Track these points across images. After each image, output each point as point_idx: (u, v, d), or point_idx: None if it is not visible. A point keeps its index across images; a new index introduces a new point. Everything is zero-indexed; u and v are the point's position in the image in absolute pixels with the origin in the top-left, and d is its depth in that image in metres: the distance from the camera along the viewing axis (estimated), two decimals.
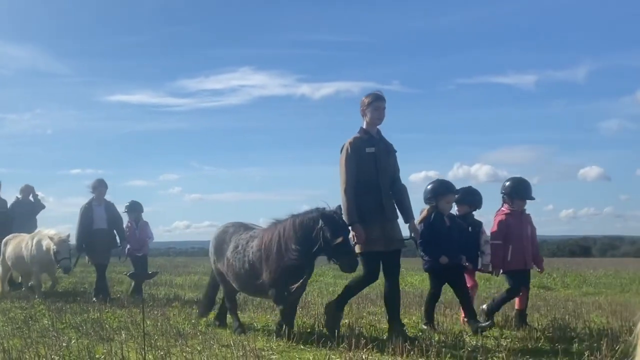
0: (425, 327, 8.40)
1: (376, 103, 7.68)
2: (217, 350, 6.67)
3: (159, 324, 8.51)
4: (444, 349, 6.61)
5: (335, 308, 7.85)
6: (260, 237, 7.74)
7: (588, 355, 6.14)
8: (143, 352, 5.80)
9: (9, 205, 15.03)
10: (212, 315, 8.90)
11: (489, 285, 15.96)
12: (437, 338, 7.51)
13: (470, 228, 8.99)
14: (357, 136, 7.72)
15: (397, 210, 7.81)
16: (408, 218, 7.87)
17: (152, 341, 7.15)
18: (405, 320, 8.21)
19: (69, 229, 12.83)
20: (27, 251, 12.60)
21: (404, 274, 20.53)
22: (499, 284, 14.25)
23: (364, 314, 9.59)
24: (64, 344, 7.03)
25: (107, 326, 8.35)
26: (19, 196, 15.18)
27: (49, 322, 8.80)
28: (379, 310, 10.05)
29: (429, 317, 8.56)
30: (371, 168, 7.56)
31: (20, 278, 14.11)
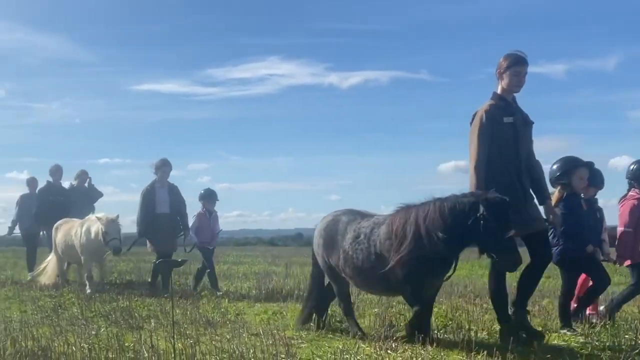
0: (567, 332, 7.18)
1: (516, 67, 6.59)
2: (246, 339, 6.62)
3: (188, 312, 8.50)
4: (482, 343, 6.50)
5: (520, 306, 6.74)
6: (389, 223, 6.57)
7: None
8: (172, 341, 5.76)
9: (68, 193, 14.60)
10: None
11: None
12: (467, 327, 7.38)
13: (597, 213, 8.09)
14: (493, 103, 6.65)
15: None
16: (544, 199, 6.81)
17: (182, 330, 7.13)
18: (434, 310, 8.08)
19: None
20: (76, 239, 12.04)
21: None
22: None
23: (394, 303, 9.47)
24: (93, 332, 7.05)
25: (136, 315, 8.34)
26: (74, 182, 14.76)
27: (78, 311, 8.83)
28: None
29: (567, 320, 7.48)
30: (509, 140, 6.53)
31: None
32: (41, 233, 15.01)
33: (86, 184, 14.76)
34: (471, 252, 6.86)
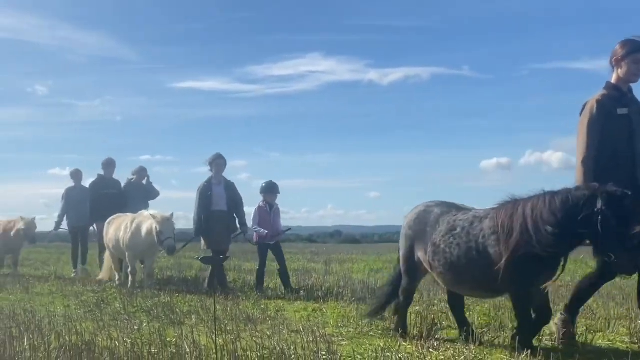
0: None
1: (636, 55, 6.07)
2: (286, 336, 6.61)
3: (228, 308, 8.52)
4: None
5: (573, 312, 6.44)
6: (494, 217, 6.05)
7: None
8: (213, 336, 5.77)
9: (122, 187, 14.37)
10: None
11: None
12: (510, 326, 7.29)
13: None
14: (605, 93, 6.20)
15: None
16: None
17: (222, 325, 7.15)
18: (478, 305, 8.00)
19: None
20: (124, 234, 11.74)
21: None
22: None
23: (435, 301, 9.40)
24: (135, 328, 7.11)
25: (177, 310, 8.39)
26: (132, 177, 14.40)
27: (121, 306, 8.91)
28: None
29: None
30: (623, 134, 6.07)
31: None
32: (91, 228, 14.92)
33: (144, 181, 14.47)
34: None
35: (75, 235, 15.22)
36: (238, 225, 11.85)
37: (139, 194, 14.02)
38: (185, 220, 13.58)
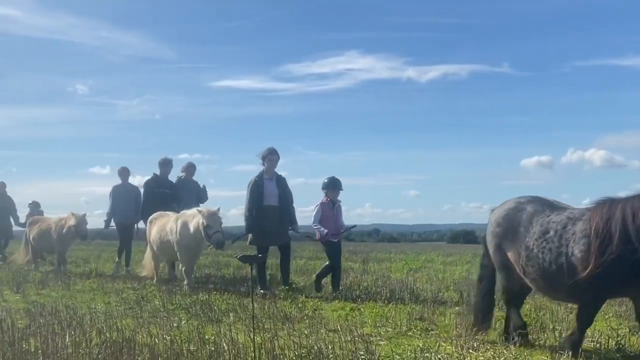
0: None
1: None
2: (324, 335, 6.61)
3: (266, 307, 8.53)
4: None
5: None
6: (588, 219, 5.67)
7: None
8: (251, 334, 5.78)
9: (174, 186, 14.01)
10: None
11: None
12: (551, 327, 7.19)
13: None
14: None
15: None
16: None
17: (260, 324, 7.18)
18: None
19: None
20: (171, 235, 11.41)
21: None
22: None
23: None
24: (174, 325, 7.18)
25: (215, 308, 8.43)
26: (181, 175, 14.17)
27: (160, 303, 8.98)
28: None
29: None
30: None
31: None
32: (135, 226, 14.99)
33: (194, 178, 14.20)
34: None
35: (122, 231, 15.12)
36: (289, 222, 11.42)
37: (189, 191, 13.83)
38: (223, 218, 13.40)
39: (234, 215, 13.02)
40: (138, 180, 14.74)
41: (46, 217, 16.43)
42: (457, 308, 8.53)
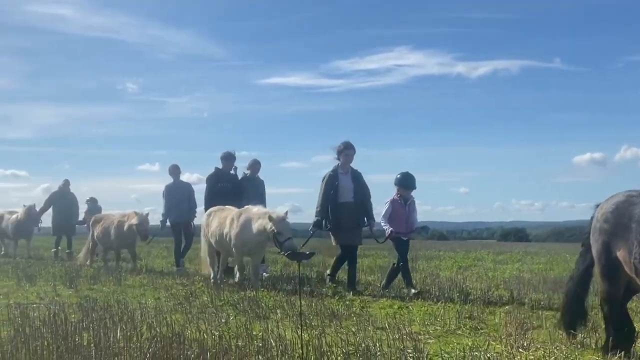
0: None
1: None
2: (372, 333, 6.59)
3: (313, 304, 8.54)
4: None
5: None
6: None
7: None
8: (299, 331, 5.79)
9: (238, 181, 13.71)
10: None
11: None
12: (603, 327, 7.05)
13: None
14: None
15: None
16: None
17: (307, 320, 7.18)
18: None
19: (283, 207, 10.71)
20: (231, 229, 11.08)
21: (568, 260, 19.74)
22: None
23: (526, 300, 9.22)
24: (222, 321, 7.23)
25: (263, 304, 8.46)
26: (247, 172, 13.78)
27: (208, 299, 9.05)
28: (541, 297, 9.66)
29: None
30: None
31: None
32: (192, 224, 14.95)
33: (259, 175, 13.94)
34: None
35: (177, 231, 14.92)
36: (366, 219, 10.98)
37: (254, 188, 13.54)
38: None
39: None
40: (186, 177, 14.60)
41: (110, 214, 16.41)
42: (507, 307, 8.44)
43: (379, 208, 10.89)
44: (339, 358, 5.31)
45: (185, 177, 14.71)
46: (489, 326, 7.17)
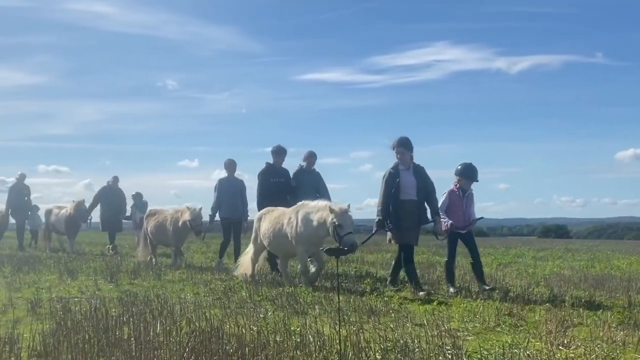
0: None
1: None
2: (410, 329, 6.57)
3: (351, 300, 8.54)
4: None
5: None
6: None
7: None
8: (337, 327, 5.79)
9: (292, 174, 13.25)
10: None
11: None
12: None
13: None
14: None
15: None
16: None
17: (345, 316, 7.19)
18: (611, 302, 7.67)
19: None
20: (290, 228, 10.62)
21: (610, 257, 19.53)
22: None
23: (566, 297, 9.12)
24: (261, 316, 7.26)
25: (301, 300, 8.48)
26: (303, 164, 13.26)
27: (247, 294, 9.10)
28: (582, 295, 9.55)
29: None
30: None
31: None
32: (243, 222, 14.43)
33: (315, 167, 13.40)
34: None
35: (227, 227, 14.38)
36: (429, 216, 10.41)
37: (310, 181, 13.08)
38: None
39: None
40: (224, 174, 14.34)
41: (163, 209, 15.96)
42: (547, 304, 8.35)
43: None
44: (376, 354, 5.30)
45: (224, 173, 14.49)
46: (529, 323, 7.10)
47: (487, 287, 9.80)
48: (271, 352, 5.20)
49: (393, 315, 7.52)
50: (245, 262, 11.87)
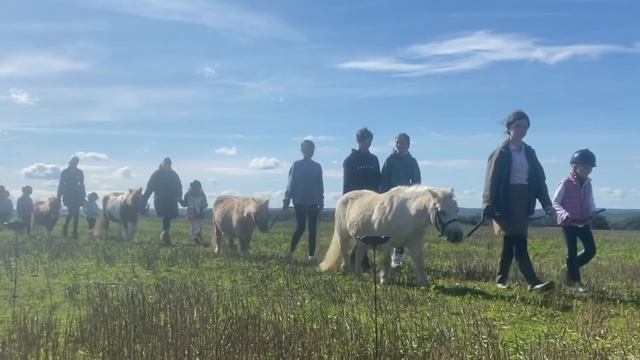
0: None
1: None
2: (446, 318, 6.57)
3: (388, 288, 8.55)
4: None
5: None
6: None
7: None
8: (373, 315, 5.80)
9: (384, 161, 12.30)
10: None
11: None
12: None
13: None
14: None
15: None
16: None
17: (382, 305, 7.20)
18: None
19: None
20: (380, 215, 9.57)
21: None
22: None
23: (603, 288, 9.03)
24: (298, 304, 7.30)
25: (338, 288, 8.51)
26: (395, 149, 12.36)
27: (284, 282, 9.16)
28: (619, 285, 9.45)
29: None
30: None
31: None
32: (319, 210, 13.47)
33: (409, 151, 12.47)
34: None
35: (301, 215, 13.31)
36: (539, 205, 9.45)
37: (403, 167, 12.13)
38: None
39: None
40: (263, 162, 14.13)
41: (231, 196, 15.09)
42: (584, 294, 8.28)
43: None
44: (413, 342, 5.30)
45: (262, 161, 14.32)
46: (565, 314, 7.06)
47: (582, 290, 8.86)
48: (308, 340, 5.23)
49: (430, 304, 7.52)
50: (331, 255, 11.14)
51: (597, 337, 5.80)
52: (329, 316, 6.35)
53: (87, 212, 24.44)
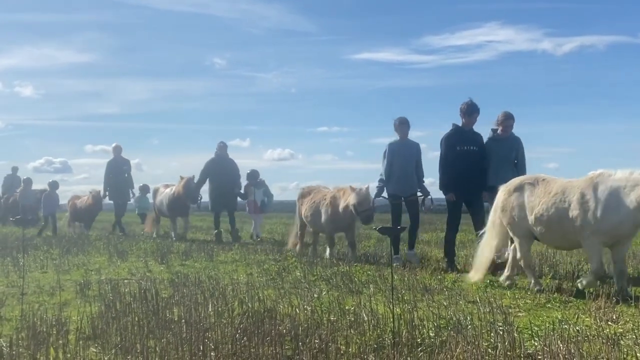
0: None
1: None
2: (463, 306, 6.56)
3: (405, 278, 8.53)
4: None
5: None
6: None
7: None
8: (391, 306, 5.79)
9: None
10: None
11: None
12: None
13: None
14: None
15: None
16: None
17: (400, 295, 7.18)
18: None
19: None
20: (582, 210, 7.24)
21: None
22: None
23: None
24: (315, 296, 7.29)
25: (355, 280, 8.50)
26: (497, 128, 10.32)
27: (301, 274, 9.13)
28: (631, 271, 9.38)
29: None
30: None
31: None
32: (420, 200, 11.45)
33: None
34: None
35: (396, 208, 11.38)
36: None
37: (503, 151, 10.25)
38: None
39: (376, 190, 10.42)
40: (277, 153, 13.51)
41: (320, 186, 12.94)
42: (597, 281, 8.22)
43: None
44: (430, 331, 5.30)
45: (277, 152, 13.36)
46: (578, 300, 7.03)
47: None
48: (325, 332, 5.24)
49: (446, 293, 7.52)
50: (486, 252, 8.74)
51: (609, 322, 5.82)
52: (347, 307, 6.36)
53: (138, 206, 22.04)
